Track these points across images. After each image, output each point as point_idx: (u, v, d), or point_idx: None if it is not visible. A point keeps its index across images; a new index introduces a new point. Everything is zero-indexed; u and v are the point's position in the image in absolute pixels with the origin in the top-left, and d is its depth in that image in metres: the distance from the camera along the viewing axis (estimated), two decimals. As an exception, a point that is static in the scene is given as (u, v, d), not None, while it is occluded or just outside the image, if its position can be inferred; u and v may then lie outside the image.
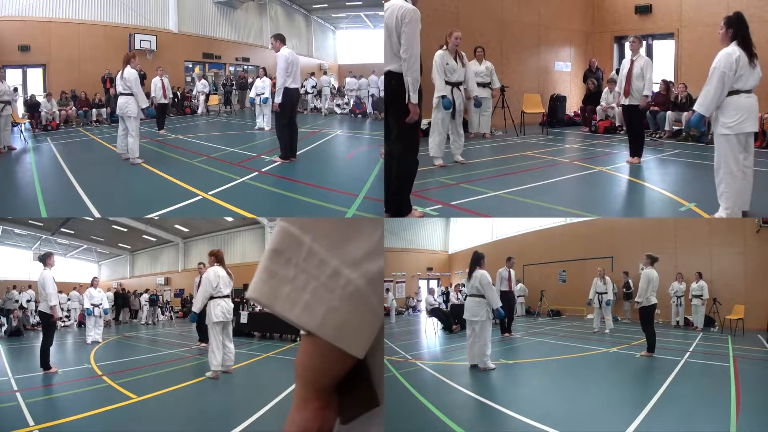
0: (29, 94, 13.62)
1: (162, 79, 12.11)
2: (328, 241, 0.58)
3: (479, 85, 9.80)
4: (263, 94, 11.88)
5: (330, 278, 0.57)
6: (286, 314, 0.60)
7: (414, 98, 4.44)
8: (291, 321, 0.62)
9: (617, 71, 11.41)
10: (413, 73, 4.43)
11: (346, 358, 0.64)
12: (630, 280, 11.74)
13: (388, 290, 16.69)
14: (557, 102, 12.28)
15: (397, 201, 4.77)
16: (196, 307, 6.28)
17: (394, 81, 4.52)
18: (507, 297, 9.41)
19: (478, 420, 4.21)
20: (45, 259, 6.69)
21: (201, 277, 8.30)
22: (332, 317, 0.58)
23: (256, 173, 7.26)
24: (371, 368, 0.71)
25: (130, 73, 7.69)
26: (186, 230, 21.00)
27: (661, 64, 11.56)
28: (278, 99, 7.61)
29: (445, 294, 14.09)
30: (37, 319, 11.21)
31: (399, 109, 4.58)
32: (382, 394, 0.65)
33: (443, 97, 7.26)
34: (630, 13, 12.91)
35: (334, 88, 18.43)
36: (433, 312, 11.11)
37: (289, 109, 7.81)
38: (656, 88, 9.80)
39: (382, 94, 7.47)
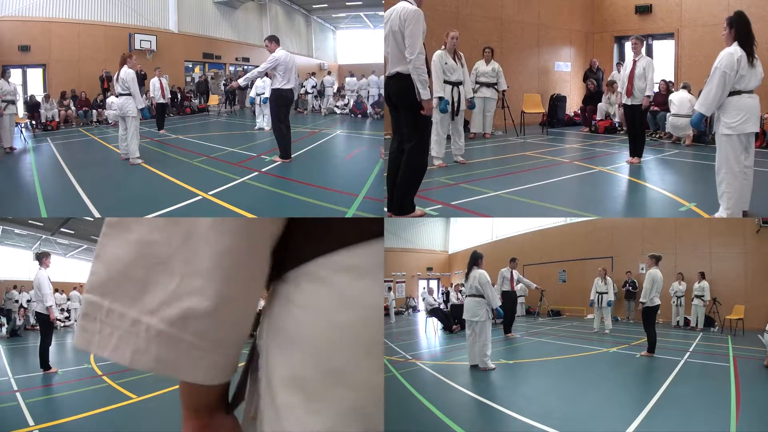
0: (29, 94, 13.63)
1: (161, 80, 12.12)
2: (127, 298, 0.65)
3: (485, 85, 9.82)
4: (263, 94, 11.89)
5: (131, 326, 0.65)
6: (101, 354, 0.68)
7: (425, 95, 4.48)
8: (113, 359, 0.70)
9: (618, 65, 11.45)
10: (420, 72, 4.46)
11: (200, 385, 0.72)
12: (635, 281, 11.74)
13: (389, 289, 16.69)
14: (557, 102, 12.28)
15: (403, 200, 4.77)
16: None
17: (403, 82, 4.53)
18: (509, 297, 9.42)
19: (478, 420, 4.20)
20: (41, 259, 6.68)
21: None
22: (142, 356, 0.65)
23: (256, 173, 7.26)
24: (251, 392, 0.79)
25: (127, 73, 7.69)
26: (186, 230, 20.96)
27: (661, 64, 11.56)
28: (242, 81, 8.55)
29: (445, 294, 14.08)
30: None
31: (408, 108, 4.59)
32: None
33: (441, 98, 7.27)
34: (630, 13, 12.91)
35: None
36: (433, 312, 11.11)
37: (284, 108, 7.84)
38: (656, 88, 9.80)
39: (382, 93, 7.48)
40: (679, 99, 9.88)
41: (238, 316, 0.69)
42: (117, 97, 7.99)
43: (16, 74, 13.98)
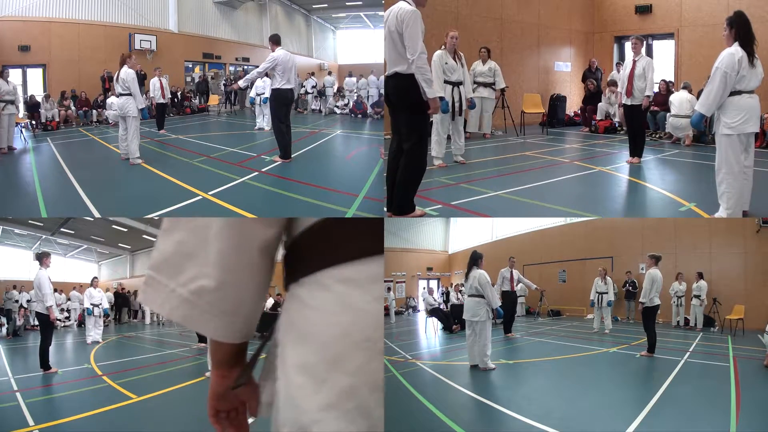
0: (29, 94, 13.63)
1: (161, 80, 12.12)
2: (168, 275, 0.94)
3: (482, 84, 9.81)
4: (263, 94, 11.89)
5: (170, 292, 0.94)
6: (152, 308, 0.97)
7: (431, 94, 4.48)
8: (158, 312, 0.98)
9: (618, 65, 11.45)
10: (423, 72, 4.47)
11: (220, 342, 0.98)
12: (635, 281, 11.74)
13: (389, 289, 16.69)
14: (557, 102, 12.28)
15: (403, 199, 4.77)
16: None
17: (401, 82, 4.53)
18: (509, 297, 9.42)
19: (478, 420, 4.20)
20: (41, 259, 6.67)
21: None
22: (175, 312, 0.94)
23: (256, 173, 7.26)
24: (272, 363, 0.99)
25: (127, 73, 7.69)
26: (186, 230, 20.95)
27: (661, 64, 11.56)
28: (242, 83, 8.63)
29: (445, 294, 14.08)
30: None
31: (408, 108, 4.59)
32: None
33: (441, 98, 7.26)
34: (630, 13, 12.91)
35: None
36: (433, 312, 11.11)
37: (284, 108, 7.84)
38: (656, 89, 9.81)
39: (382, 93, 7.47)
40: (678, 99, 9.88)
41: (236, 295, 0.94)
42: (117, 97, 7.99)
43: (16, 74, 13.98)
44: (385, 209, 5.04)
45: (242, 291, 0.94)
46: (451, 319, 10.59)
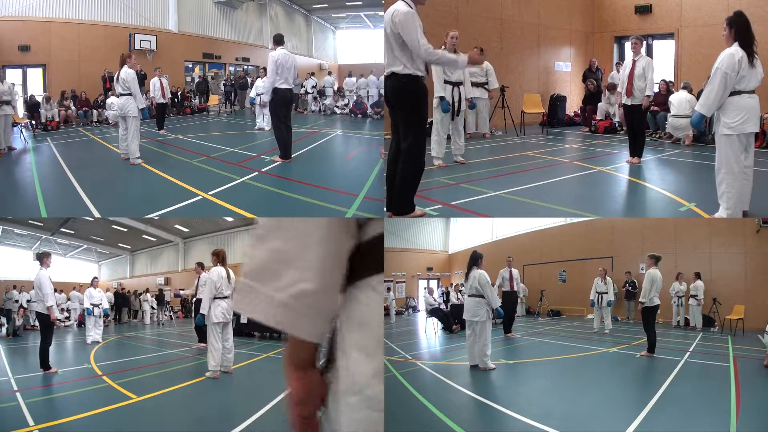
0: (29, 94, 13.63)
1: (161, 80, 12.12)
2: (264, 282, 1.01)
3: (474, 84, 9.81)
4: (264, 93, 11.89)
5: (265, 298, 1.01)
6: (247, 314, 1.04)
7: (461, 61, 4.63)
8: (254, 318, 1.04)
9: (617, 65, 11.44)
10: (438, 57, 4.61)
11: (303, 342, 1.07)
12: (635, 281, 11.74)
13: (389, 290, 16.69)
14: (557, 102, 12.29)
15: (402, 199, 4.77)
16: (204, 309, 6.25)
17: (398, 82, 4.54)
18: (509, 297, 9.42)
19: (478, 420, 4.20)
20: (42, 259, 6.66)
21: (199, 278, 8.30)
22: (270, 317, 1.01)
23: (256, 173, 7.26)
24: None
25: (128, 73, 7.69)
26: (186, 230, 20.99)
27: (661, 64, 11.57)
28: (266, 98, 8.12)
29: (445, 294, 14.08)
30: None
31: (406, 108, 4.59)
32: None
33: (441, 98, 7.27)
34: (630, 13, 12.92)
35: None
36: (433, 312, 11.11)
37: (283, 108, 7.84)
38: (656, 89, 9.81)
39: (382, 93, 7.47)
40: (678, 100, 9.88)
41: (329, 297, 1.05)
42: (118, 97, 7.99)
43: (16, 74, 13.99)
44: (385, 209, 5.04)
45: (334, 294, 1.06)
46: (451, 319, 10.59)
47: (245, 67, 19.14)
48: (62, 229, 19.43)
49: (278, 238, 1.00)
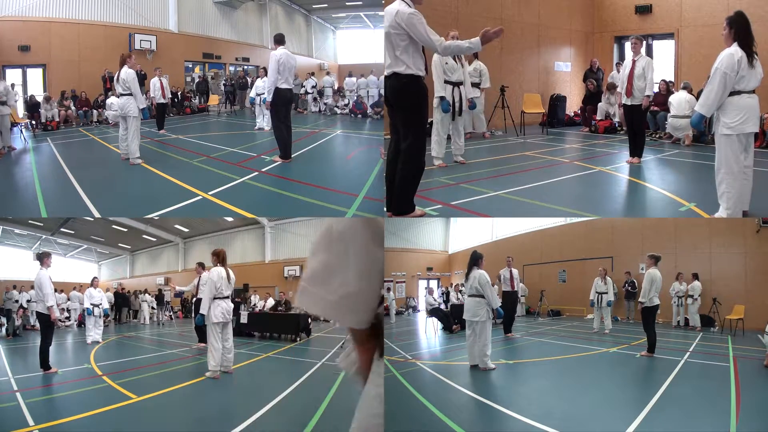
0: (29, 94, 13.63)
1: (161, 80, 12.12)
2: (318, 286, 1.25)
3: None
4: (263, 94, 11.90)
5: (320, 298, 1.25)
6: (306, 310, 1.30)
7: (476, 44, 4.59)
8: (313, 314, 1.41)
9: (617, 65, 11.44)
10: (454, 48, 4.73)
11: (354, 328, 1.31)
12: (635, 281, 11.74)
13: (389, 290, 16.69)
14: (557, 102, 12.29)
15: (402, 199, 4.77)
16: (204, 309, 6.25)
17: (399, 82, 4.54)
18: (509, 297, 9.41)
19: (478, 420, 4.20)
20: (42, 259, 6.66)
21: (199, 277, 8.30)
22: (323, 312, 1.27)
23: (256, 173, 7.26)
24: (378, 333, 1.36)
25: (128, 73, 7.70)
26: (186, 230, 20.99)
27: (661, 64, 11.57)
28: (268, 98, 7.93)
29: (445, 294, 14.09)
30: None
31: (406, 108, 4.59)
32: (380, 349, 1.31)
33: (442, 98, 7.27)
34: (630, 13, 12.92)
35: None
36: (433, 312, 11.11)
37: (283, 108, 7.84)
38: (656, 88, 9.81)
39: (382, 93, 7.47)
40: (678, 100, 9.88)
41: (369, 296, 1.25)
42: (118, 97, 8.00)
43: (16, 74, 14.00)
44: (385, 209, 5.04)
45: (373, 292, 1.28)
46: (451, 319, 10.59)
47: (245, 67, 19.14)
48: (62, 229, 19.45)
49: (326, 252, 1.26)
